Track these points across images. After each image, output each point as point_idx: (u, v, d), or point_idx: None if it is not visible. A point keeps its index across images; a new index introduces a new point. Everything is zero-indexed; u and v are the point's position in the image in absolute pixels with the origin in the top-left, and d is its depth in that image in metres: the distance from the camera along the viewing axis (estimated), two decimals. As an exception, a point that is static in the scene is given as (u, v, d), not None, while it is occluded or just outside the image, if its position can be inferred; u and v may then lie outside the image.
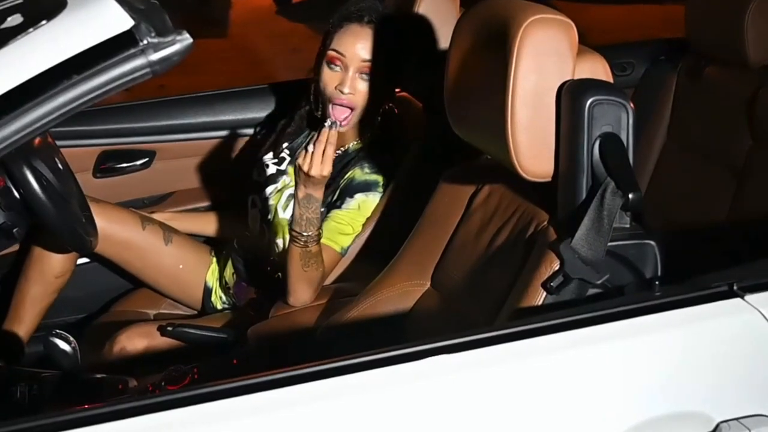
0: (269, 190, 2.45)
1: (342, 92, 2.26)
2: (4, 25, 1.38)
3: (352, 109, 2.29)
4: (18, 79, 1.29)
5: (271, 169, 2.48)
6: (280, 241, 2.38)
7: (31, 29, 1.33)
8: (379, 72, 2.27)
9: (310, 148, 2.05)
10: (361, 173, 2.32)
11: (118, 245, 2.53)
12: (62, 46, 1.31)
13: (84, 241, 2.23)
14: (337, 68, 2.28)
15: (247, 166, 2.60)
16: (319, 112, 2.37)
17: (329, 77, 2.29)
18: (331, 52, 2.28)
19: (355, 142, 2.39)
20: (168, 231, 2.60)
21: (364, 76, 2.27)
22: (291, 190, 2.39)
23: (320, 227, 2.13)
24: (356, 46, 2.27)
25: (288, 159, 2.48)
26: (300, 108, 2.53)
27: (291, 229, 2.12)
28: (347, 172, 2.33)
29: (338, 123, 2.18)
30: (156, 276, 2.60)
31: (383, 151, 2.37)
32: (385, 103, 2.37)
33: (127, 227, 2.54)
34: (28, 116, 1.28)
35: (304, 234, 2.10)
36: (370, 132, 2.38)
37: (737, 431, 1.48)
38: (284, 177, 2.45)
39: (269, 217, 2.42)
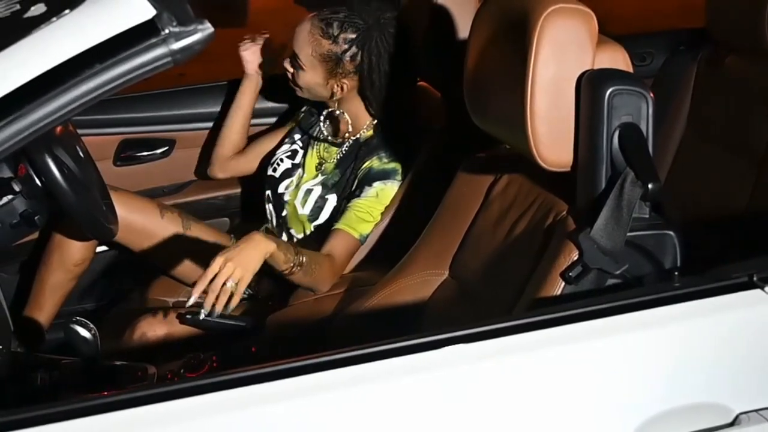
0: (284, 185, 2.46)
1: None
2: (27, 14, 1.40)
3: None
4: (41, 67, 1.30)
5: (286, 164, 2.50)
6: (300, 235, 2.41)
7: (54, 18, 1.34)
8: (309, 69, 2.36)
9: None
10: (378, 163, 2.33)
11: (138, 233, 2.54)
12: (85, 35, 1.31)
13: (104, 228, 2.25)
14: None
15: (266, 156, 2.61)
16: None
17: None
18: None
19: (365, 130, 2.40)
20: (187, 219, 2.61)
21: (294, 64, 2.39)
22: (308, 185, 2.41)
23: (295, 249, 2.11)
24: (294, 33, 2.39)
25: (301, 152, 2.50)
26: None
27: (281, 273, 2.11)
28: (365, 162, 2.34)
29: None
30: (175, 264, 2.61)
31: (400, 140, 2.38)
32: (334, 90, 2.38)
33: (147, 215, 2.55)
34: (51, 104, 1.29)
35: (292, 264, 2.09)
36: (381, 120, 2.39)
37: (757, 423, 1.48)
38: (299, 170, 2.47)
39: (284, 213, 2.44)
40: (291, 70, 2.41)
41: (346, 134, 2.41)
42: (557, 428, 1.44)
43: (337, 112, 2.40)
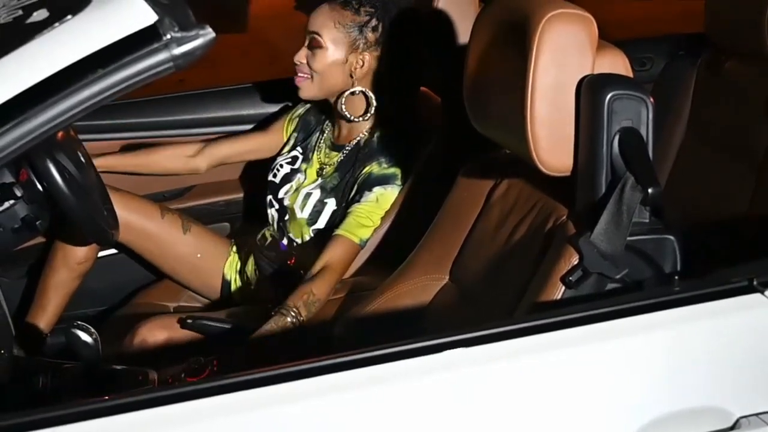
0: (284, 190, 2.47)
1: (295, 62, 2.37)
2: (30, 20, 1.40)
3: (306, 77, 2.37)
4: (44, 73, 1.30)
5: (285, 169, 2.50)
6: (299, 240, 2.41)
7: (56, 24, 1.34)
8: (330, 45, 2.33)
9: None
10: (378, 168, 2.34)
11: (138, 234, 2.55)
12: (87, 41, 1.32)
13: (105, 233, 2.25)
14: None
15: (265, 162, 2.62)
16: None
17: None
18: None
19: (365, 133, 2.40)
20: (186, 221, 2.62)
21: (313, 46, 2.35)
22: (307, 189, 2.42)
23: (287, 310, 2.13)
24: (310, 19, 2.36)
25: (301, 157, 2.50)
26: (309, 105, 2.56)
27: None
28: (364, 167, 2.34)
29: None
30: (174, 265, 2.62)
31: (400, 144, 2.39)
32: (352, 78, 2.36)
33: (147, 216, 2.56)
34: (53, 109, 1.30)
35: (294, 322, 2.11)
36: (382, 124, 2.40)
37: (757, 426, 1.49)
38: (299, 176, 2.47)
39: (286, 217, 2.45)
40: (304, 60, 2.36)
41: (368, 114, 2.39)
42: (557, 430, 1.44)
43: (358, 90, 2.38)
